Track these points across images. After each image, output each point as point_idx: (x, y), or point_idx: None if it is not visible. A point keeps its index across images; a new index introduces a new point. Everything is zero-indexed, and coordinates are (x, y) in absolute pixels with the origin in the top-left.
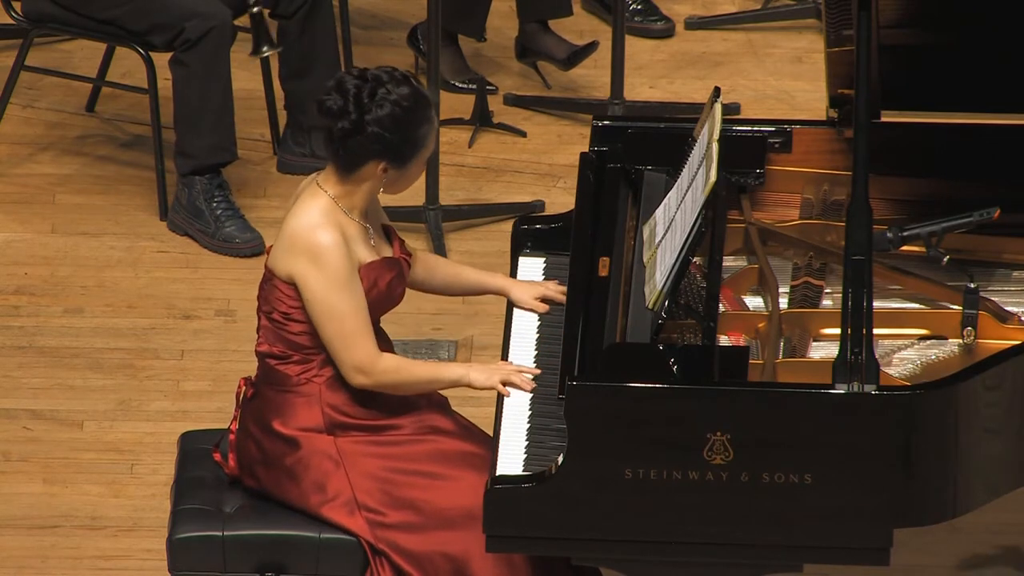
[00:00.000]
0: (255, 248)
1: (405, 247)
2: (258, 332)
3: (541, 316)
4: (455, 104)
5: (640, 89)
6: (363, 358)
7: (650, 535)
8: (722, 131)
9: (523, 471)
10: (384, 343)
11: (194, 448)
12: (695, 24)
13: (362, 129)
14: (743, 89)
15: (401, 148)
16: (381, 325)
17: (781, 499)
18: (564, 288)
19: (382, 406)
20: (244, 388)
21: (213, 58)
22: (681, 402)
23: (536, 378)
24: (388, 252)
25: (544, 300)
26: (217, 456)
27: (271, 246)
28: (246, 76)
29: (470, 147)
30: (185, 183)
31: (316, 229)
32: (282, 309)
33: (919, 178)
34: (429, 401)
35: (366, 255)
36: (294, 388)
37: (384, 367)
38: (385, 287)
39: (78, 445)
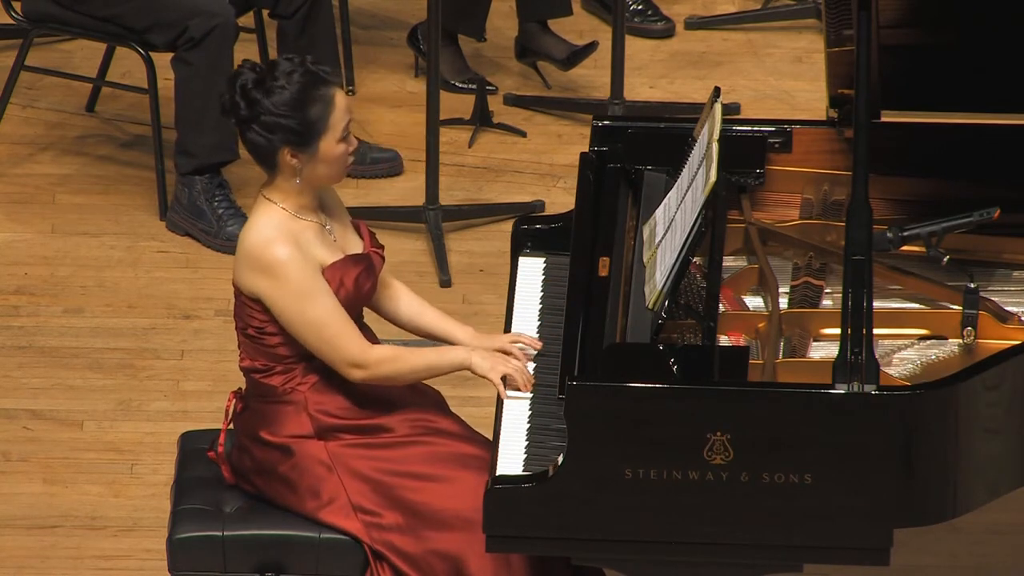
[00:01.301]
0: None
1: (376, 240)
2: (239, 347)
3: (541, 316)
4: (455, 104)
5: (640, 89)
6: (354, 353)
7: (650, 535)
8: (722, 131)
9: (523, 471)
10: (370, 339)
11: (194, 448)
12: (695, 24)
13: (255, 118)
14: (743, 89)
15: (300, 131)
16: (365, 321)
17: (781, 499)
18: (526, 340)
19: (371, 406)
20: (234, 402)
21: (217, 56)
22: (681, 402)
23: (536, 378)
24: (356, 247)
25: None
26: (211, 454)
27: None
28: None
29: (470, 147)
30: (185, 183)
31: (269, 245)
32: (255, 324)
33: (919, 178)
34: (425, 400)
35: (327, 255)
36: (280, 398)
37: (379, 357)
38: (352, 285)
39: (78, 445)
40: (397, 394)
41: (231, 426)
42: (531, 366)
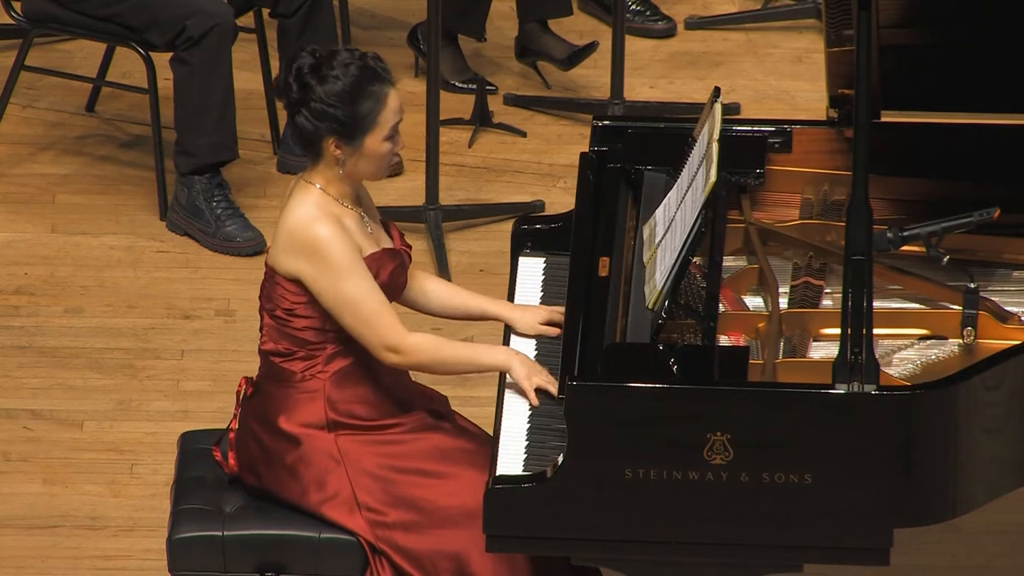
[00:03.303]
0: (256, 247)
1: (405, 240)
2: (261, 331)
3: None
4: (455, 104)
5: (640, 89)
6: (389, 336)
7: (650, 535)
8: (722, 131)
9: (523, 471)
10: None
11: (194, 448)
12: (695, 24)
13: (306, 103)
14: (743, 89)
15: (347, 123)
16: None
17: (781, 499)
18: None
19: (385, 405)
20: (244, 387)
21: (215, 56)
22: (681, 402)
23: None
24: (388, 243)
25: (549, 324)
26: (217, 455)
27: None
28: (246, 76)
29: (470, 147)
30: (184, 182)
31: (312, 223)
32: (284, 306)
33: (919, 178)
34: (429, 399)
35: (365, 246)
36: (297, 384)
37: (415, 343)
38: (388, 277)
39: (78, 445)
40: (408, 396)
41: (237, 424)
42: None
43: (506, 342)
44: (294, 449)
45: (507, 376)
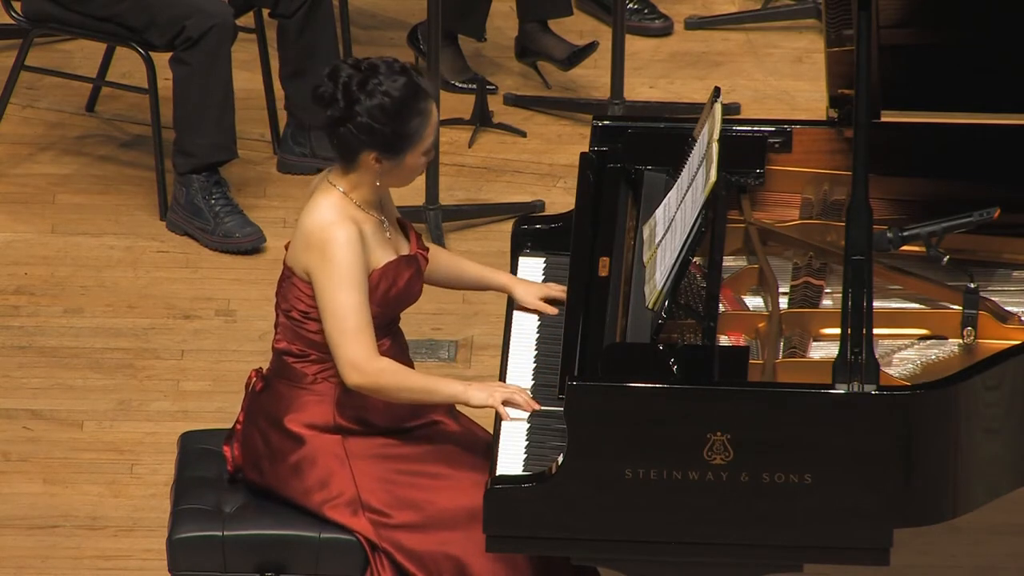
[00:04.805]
0: (255, 242)
1: (422, 242)
2: (276, 328)
3: (541, 316)
4: (455, 104)
5: (640, 89)
6: (358, 355)
7: (650, 535)
8: (722, 131)
9: (523, 471)
10: (398, 345)
11: (194, 448)
12: (695, 24)
13: (351, 118)
14: (743, 89)
15: (392, 140)
16: (400, 326)
17: (781, 499)
18: (556, 291)
19: (393, 410)
20: (255, 380)
21: (214, 57)
22: (681, 402)
23: (536, 378)
24: (405, 247)
25: (548, 300)
26: (227, 451)
27: (288, 242)
28: (246, 76)
29: (470, 147)
30: (182, 182)
31: (331, 226)
32: (300, 308)
33: (919, 178)
34: (438, 406)
35: (383, 254)
36: (308, 386)
37: (379, 368)
38: (404, 285)
39: (78, 445)
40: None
41: (244, 416)
42: (532, 366)
43: (509, 315)
44: (299, 448)
45: (507, 374)
